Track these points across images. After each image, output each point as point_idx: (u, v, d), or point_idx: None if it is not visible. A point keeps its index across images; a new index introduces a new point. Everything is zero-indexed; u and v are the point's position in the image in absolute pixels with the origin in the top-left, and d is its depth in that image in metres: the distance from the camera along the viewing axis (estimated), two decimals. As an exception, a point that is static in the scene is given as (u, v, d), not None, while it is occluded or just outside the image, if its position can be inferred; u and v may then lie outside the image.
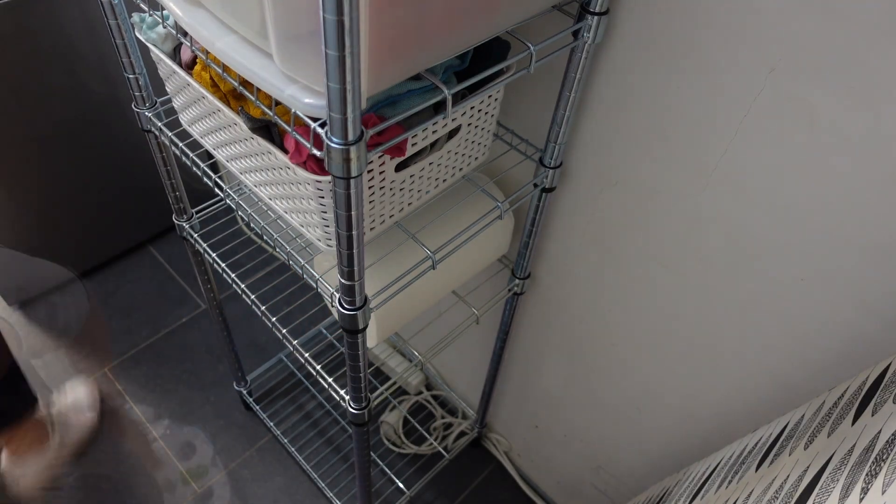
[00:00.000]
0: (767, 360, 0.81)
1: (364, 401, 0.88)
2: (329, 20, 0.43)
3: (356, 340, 0.76)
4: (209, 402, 1.59)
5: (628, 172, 0.82)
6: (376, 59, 0.51)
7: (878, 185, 0.60)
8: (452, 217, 0.86)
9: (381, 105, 0.62)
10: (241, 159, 0.80)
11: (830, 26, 0.56)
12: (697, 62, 0.67)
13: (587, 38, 0.70)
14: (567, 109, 0.77)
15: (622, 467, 1.19)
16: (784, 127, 0.64)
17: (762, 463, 0.75)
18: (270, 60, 0.57)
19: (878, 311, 0.67)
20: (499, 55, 0.69)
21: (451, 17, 0.56)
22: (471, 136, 0.81)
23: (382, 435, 1.54)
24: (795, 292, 0.73)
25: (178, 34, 0.68)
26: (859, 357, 0.71)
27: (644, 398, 1.03)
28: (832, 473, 0.57)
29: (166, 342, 1.69)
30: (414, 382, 1.59)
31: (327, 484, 1.44)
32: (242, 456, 1.50)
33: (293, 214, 0.78)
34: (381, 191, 0.73)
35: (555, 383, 1.21)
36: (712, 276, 0.80)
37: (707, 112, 0.69)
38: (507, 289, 1.07)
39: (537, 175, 0.87)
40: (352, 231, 0.60)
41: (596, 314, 1.01)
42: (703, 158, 0.73)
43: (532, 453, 1.44)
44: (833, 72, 0.58)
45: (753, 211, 0.71)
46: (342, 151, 0.52)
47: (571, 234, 0.96)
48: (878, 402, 0.60)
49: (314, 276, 0.80)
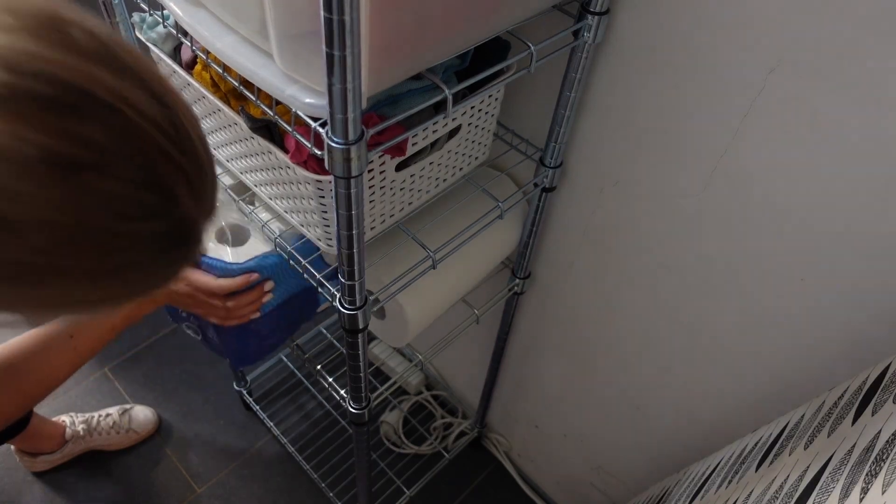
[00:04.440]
0: (767, 360, 0.81)
1: (364, 401, 0.88)
2: (329, 20, 0.43)
3: (356, 340, 0.76)
4: (209, 402, 1.58)
5: (628, 172, 0.82)
6: (376, 59, 0.51)
7: (878, 185, 0.60)
8: (454, 216, 0.86)
9: (382, 104, 0.62)
10: (241, 159, 0.80)
11: (830, 26, 0.56)
12: (697, 62, 0.67)
13: (587, 37, 0.70)
14: (567, 109, 0.77)
15: (622, 467, 1.19)
16: (784, 127, 0.64)
17: (762, 463, 0.75)
18: (271, 60, 0.57)
19: (878, 311, 0.67)
20: (499, 55, 0.69)
21: (451, 16, 0.56)
22: (471, 135, 0.81)
23: (382, 435, 1.54)
24: (795, 292, 0.73)
25: (178, 34, 0.68)
26: (859, 357, 0.71)
27: (644, 398, 1.03)
28: (832, 473, 0.57)
29: (166, 342, 1.69)
30: (414, 382, 1.59)
31: (327, 484, 1.44)
32: (242, 456, 1.50)
33: (293, 214, 0.78)
34: (381, 190, 0.73)
35: (555, 383, 1.21)
36: (712, 276, 0.80)
37: (707, 112, 0.69)
38: (507, 288, 1.07)
39: (537, 175, 0.87)
40: (352, 231, 0.60)
41: (596, 314, 1.01)
42: (703, 158, 0.73)
43: (532, 453, 1.44)
44: (833, 72, 0.58)
45: (753, 211, 0.71)
46: (343, 151, 0.52)
47: (572, 234, 0.96)
48: (878, 402, 0.60)
49: (315, 275, 0.80)
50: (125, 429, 1.46)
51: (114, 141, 0.32)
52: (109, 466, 1.46)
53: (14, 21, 0.30)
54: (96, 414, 1.46)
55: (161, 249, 0.36)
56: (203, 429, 1.54)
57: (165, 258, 0.37)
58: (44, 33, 0.30)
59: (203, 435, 1.53)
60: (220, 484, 1.46)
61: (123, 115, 0.32)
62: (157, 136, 0.33)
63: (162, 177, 0.34)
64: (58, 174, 0.30)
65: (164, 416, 1.55)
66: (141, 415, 1.49)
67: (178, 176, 0.35)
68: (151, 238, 0.35)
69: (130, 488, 1.43)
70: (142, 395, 1.58)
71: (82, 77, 0.31)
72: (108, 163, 0.32)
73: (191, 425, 1.54)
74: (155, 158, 0.33)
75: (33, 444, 1.38)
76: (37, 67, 0.29)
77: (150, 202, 0.34)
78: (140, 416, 1.49)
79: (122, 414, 1.47)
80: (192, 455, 1.50)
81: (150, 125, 0.33)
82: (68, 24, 0.31)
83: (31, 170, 0.29)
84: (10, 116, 0.29)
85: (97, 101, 0.31)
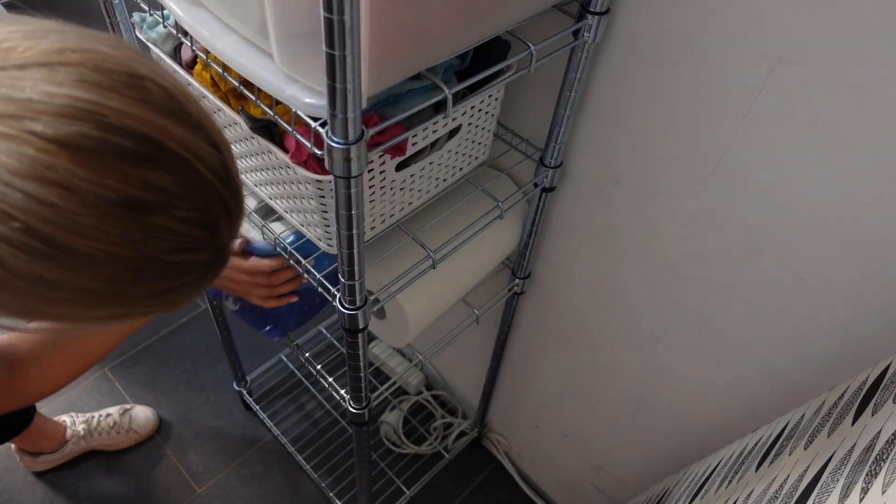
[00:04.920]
0: (767, 360, 0.81)
1: (364, 401, 0.88)
2: (329, 20, 0.43)
3: (356, 340, 0.76)
4: (209, 402, 1.58)
5: (628, 172, 0.82)
6: (376, 59, 0.51)
7: (878, 184, 0.60)
8: (454, 216, 0.86)
9: (382, 104, 0.62)
10: (241, 159, 0.80)
11: (830, 26, 0.56)
12: (697, 62, 0.67)
13: (587, 37, 0.70)
14: (567, 109, 0.77)
15: (622, 467, 1.19)
16: (784, 127, 0.64)
17: (762, 463, 0.75)
18: (271, 60, 0.57)
19: (878, 310, 0.67)
20: (499, 55, 0.69)
21: (451, 16, 0.56)
22: (471, 135, 0.81)
23: (382, 435, 1.54)
24: (795, 292, 0.73)
25: (178, 34, 0.68)
26: (859, 357, 0.71)
27: (644, 398, 1.03)
28: (832, 473, 0.57)
29: (166, 342, 1.69)
30: (414, 382, 1.59)
31: (327, 484, 1.44)
32: (242, 456, 1.50)
33: (293, 214, 0.79)
34: (381, 190, 0.73)
35: (555, 383, 1.21)
36: (712, 275, 0.80)
37: (707, 112, 0.69)
38: (507, 288, 1.07)
39: (537, 175, 0.87)
40: (352, 230, 0.60)
41: (596, 314, 1.01)
42: (703, 158, 0.73)
43: (532, 453, 1.44)
44: (833, 71, 0.58)
45: (753, 210, 0.71)
46: (343, 151, 0.52)
47: (572, 234, 0.96)
48: (878, 402, 0.60)
49: (315, 275, 0.80)
50: (125, 429, 1.46)
51: (179, 187, 0.36)
52: (109, 466, 1.46)
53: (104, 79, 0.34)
54: (96, 414, 1.46)
55: (203, 274, 0.41)
56: (203, 429, 1.54)
57: (205, 280, 0.42)
58: (125, 91, 0.34)
59: (203, 435, 1.53)
60: (220, 484, 1.46)
61: (189, 163, 0.36)
62: (214, 183, 0.38)
63: (213, 215, 0.39)
64: (129, 215, 0.34)
65: (164, 416, 1.55)
66: (141, 415, 1.50)
67: (224, 213, 0.40)
68: (197, 266, 0.40)
69: (130, 488, 1.43)
70: (142, 395, 1.58)
71: (157, 131, 0.35)
72: (173, 206, 0.36)
73: (191, 425, 1.54)
74: (210, 200, 0.38)
75: (34, 444, 1.38)
76: (121, 124, 0.34)
77: (201, 237, 0.39)
78: (140, 416, 1.49)
79: (122, 414, 1.47)
80: (192, 455, 1.50)
81: (209, 173, 0.38)
82: (144, 78, 0.36)
83: (106, 212, 0.34)
84: (94, 166, 0.33)
85: (168, 152, 0.35)
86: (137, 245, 0.35)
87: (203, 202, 0.38)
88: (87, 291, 0.36)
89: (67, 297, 0.36)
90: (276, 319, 0.98)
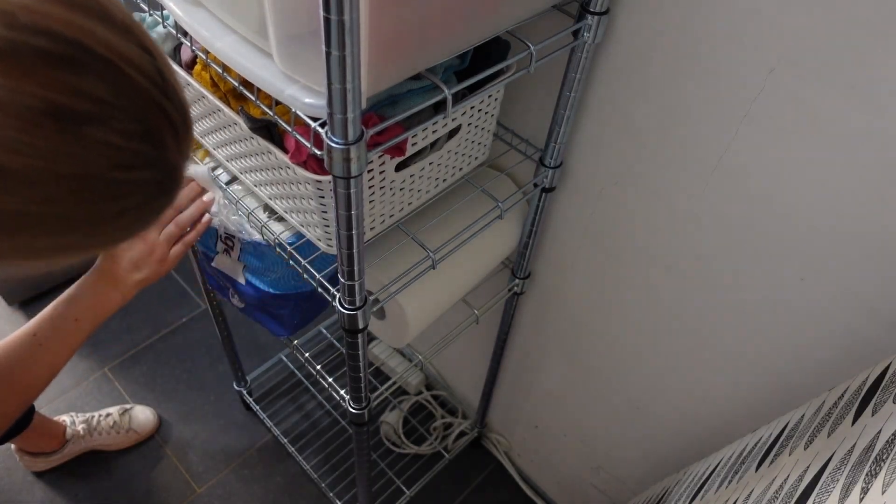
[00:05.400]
0: (767, 360, 0.81)
1: (364, 401, 0.88)
2: (329, 20, 0.43)
3: (356, 340, 0.76)
4: (209, 402, 1.59)
5: (628, 172, 0.82)
6: (376, 59, 0.51)
7: (878, 184, 0.60)
8: (454, 216, 0.86)
9: (382, 104, 0.62)
10: (240, 159, 0.80)
11: (830, 26, 0.56)
12: (697, 62, 0.67)
13: (587, 37, 0.70)
14: (567, 109, 0.77)
15: (622, 467, 1.19)
16: (784, 127, 0.64)
17: (762, 463, 0.75)
18: (270, 60, 0.57)
19: (878, 311, 0.67)
20: (499, 55, 0.69)
21: (451, 16, 0.56)
22: (471, 135, 0.81)
23: (382, 435, 1.54)
24: (795, 292, 0.73)
25: (178, 34, 0.68)
26: (859, 357, 0.71)
27: (644, 398, 1.03)
28: (832, 473, 0.57)
29: (166, 342, 1.69)
30: (414, 382, 1.59)
31: (327, 484, 1.44)
32: (242, 456, 1.50)
33: (293, 214, 0.79)
34: (381, 190, 0.73)
35: (555, 383, 1.21)
36: (712, 275, 0.80)
37: (707, 112, 0.69)
38: (506, 289, 1.07)
39: (537, 175, 0.87)
40: (352, 231, 0.60)
41: (596, 314, 1.01)
42: (703, 158, 0.73)
43: (532, 453, 1.44)
44: (833, 71, 0.58)
45: (753, 211, 0.71)
46: (342, 151, 0.52)
47: (571, 234, 0.96)
48: (878, 402, 0.60)
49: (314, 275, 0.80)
50: (125, 429, 1.46)
51: (112, 94, 0.33)
52: (109, 466, 1.46)
53: None
54: (96, 414, 1.46)
55: (152, 195, 0.38)
56: (203, 429, 1.54)
57: (157, 202, 0.39)
58: None
59: (203, 435, 1.53)
60: (220, 484, 1.46)
61: (119, 68, 0.33)
62: (150, 88, 0.35)
63: (154, 127, 0.35)
64: (60, 126, 0.31)
65: (164, 416, 1.55)
66: (141, 415, 1.50)
67: (167, 125, 0.36)
68: (145, 185, 0.37)
69: (130, 488, 1.43)
70: (142, 395, 1.58)
71: (78, 31, 0.31)
72: (107, 115, 0.33)
73: (191, 425, 1.54)
74: (148, 109, 0.35)
75: (34, 444, 1.38)
76: (34, 21, 0.30)
77: (145, 152, 0.35)
78: (140, 416, 1.49)
79: (122, 414, 1.47)
80: (192, 455, 1.50)
81: (143, 78, 0.34)
82: None
83: (33, 122, 0.30)
84: (10, 70, 0.29)
85: (94, 54, 0.32)
86: (73, 160, 0.32)
87: (140, 111, 0.34)
88: (26, 216, 0.33)
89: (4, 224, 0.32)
90: (282, 316, 0.98)
